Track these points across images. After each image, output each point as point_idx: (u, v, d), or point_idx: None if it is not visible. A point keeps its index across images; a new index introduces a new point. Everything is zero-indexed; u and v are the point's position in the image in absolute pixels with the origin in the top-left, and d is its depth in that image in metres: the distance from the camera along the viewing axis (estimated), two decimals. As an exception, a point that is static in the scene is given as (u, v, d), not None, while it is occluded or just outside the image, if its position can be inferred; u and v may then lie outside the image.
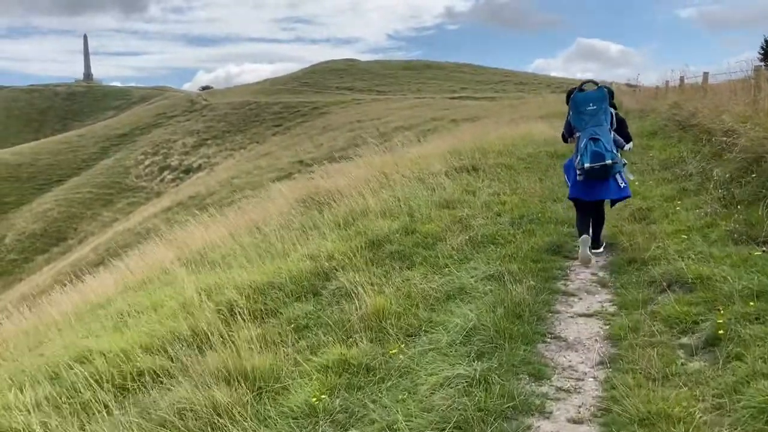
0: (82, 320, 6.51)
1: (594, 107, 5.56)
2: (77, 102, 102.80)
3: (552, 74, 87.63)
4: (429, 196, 7.83)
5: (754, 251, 4.61)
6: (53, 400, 4.08)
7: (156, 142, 57.26)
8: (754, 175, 6.10)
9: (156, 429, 3.37)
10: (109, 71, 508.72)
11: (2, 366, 5.59)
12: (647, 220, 6.28)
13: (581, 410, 3.10)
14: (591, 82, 5.86)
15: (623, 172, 5.72)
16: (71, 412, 3.85)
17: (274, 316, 4.86)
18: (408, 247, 5.89)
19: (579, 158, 5.51)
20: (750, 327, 3.45)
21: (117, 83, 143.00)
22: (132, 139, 61.20)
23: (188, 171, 49.52)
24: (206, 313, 4.83)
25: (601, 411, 3.05)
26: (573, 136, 5.84)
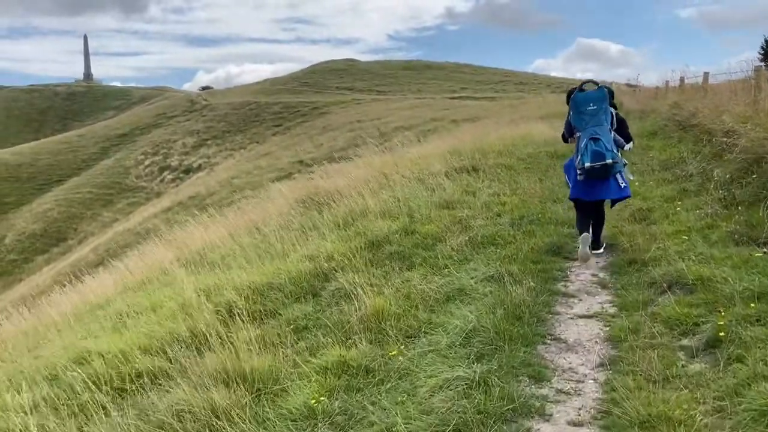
0: (81, 321, 6.50)
1: (594, 107, 5.58)
2: (77, 102, 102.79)
3: (552, 74, 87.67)
4: (429, 197, 7.82)
5: (755, 252, 4.60)
6: (51, 402, 4.07)
7: (156, 142, 57.24)
8: (755, 176, 6.08)
9: (154, 431, 3.36)
10: (109, 71, 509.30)
11: (1, 367, 5.58)
12: (647, 221, 6.26)
13: (581, 413, 3.08)
14: (591, 82, 5.87)
15: (623, 172, 5.72)
16: (69, 414, 3.84)
17: (273, 317, 4.84)
18: (407, 248, 5.87)
19: (579, 158, 5.52)
20: (751, 329, 3.43)
21: (117, 83, 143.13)
22: (132, 140, 61.18)
23: (188, 171, 49.50)
24: (205, 314, 4.82)
25: (602, 413, 3.04)
26: (573, 136, 5.84)
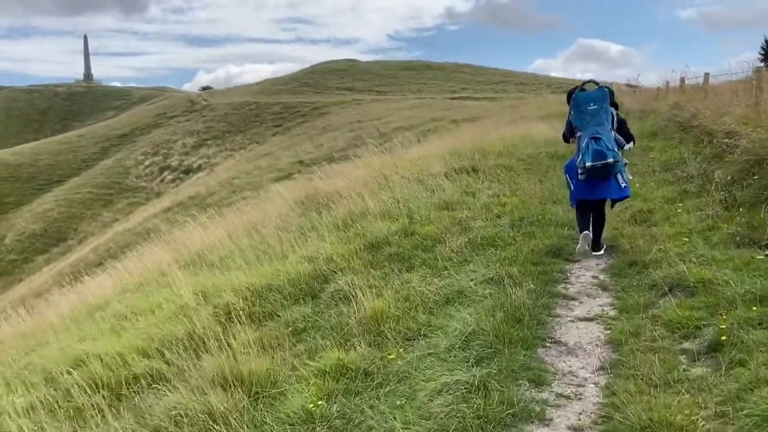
0: (80, 323, 6.47)
1: (595, 107, 5.60)
2: (77, 102, 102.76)
3: (552, 74, 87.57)
4: (428, 198, 7.79)
5: (757, 255, 4.56)
6: (48, 404, 4.05)
7: (156, 143, 57.22)
8: (756, 178, 6.06)
9: (151, 435, 3.33)
10: (109, 71, 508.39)
11: (-2, 369, 5.55)
12: (648, 223, 6.23)
13: (582, 417, 3.05)
14: (592, 82, 5.87)
15: (624, 172, 5.71)
16: (66, 417, 3.82)
17: (272, 319, 4.81)
18: (407, 249, 5.84)
19: (581, 157, 5.53)
20: (753, 332, 3.40)
21: (117, 83, 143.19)
22: (132, 140, 61.15)
23: (188, 171, 49.48)
24: (203, 317, 4.79)
25: (602, 418, 3.00)
26: (574, 136, 5.84)
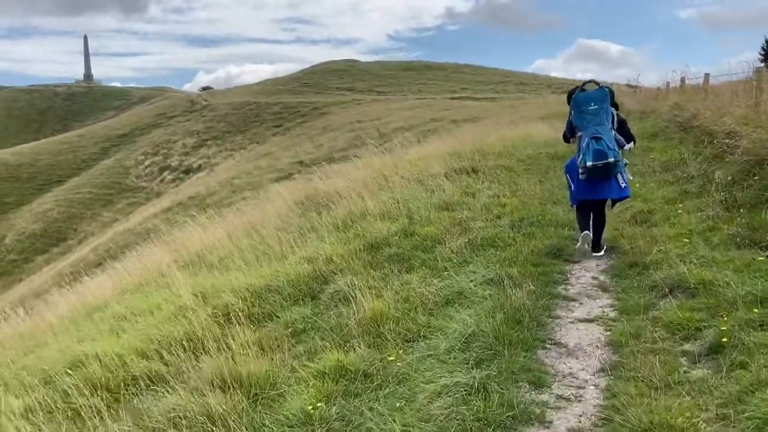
0: (79, 324, 6.45)
1: (596, 107, 5.60)
2: (77, 102, 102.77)
3: (552, 75, 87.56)
4: (428, 198, 7.77)
5: (758, 256, 4.54)
6: (46, 406, 4.03)
7: (156, 143, 57.22)
8: (757, 178, 6.04)
9: (149, 437, 3.32)
10: (109, 72, 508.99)
11: (-3, 370, 5.53)
12: (648, 223, 6.22)
13: (582, 420, 3.03)
14: (592, 82, 5.87)
15: (624, 172, 5.69)
16: (64, 419, 3.80)
17: (271, 320, 4.80)
18: (407, 250, 5.83)
19: (581, 156, 5.53)
20: (754, 334, 3.38)
21: (117, 84, 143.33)
22: (132, 140, 61.16)
23: (188, 171, 49.48)
24: (202, 317, 4.77)
25: (603, 420, 2.99)
26: (575, 136, 5.84)
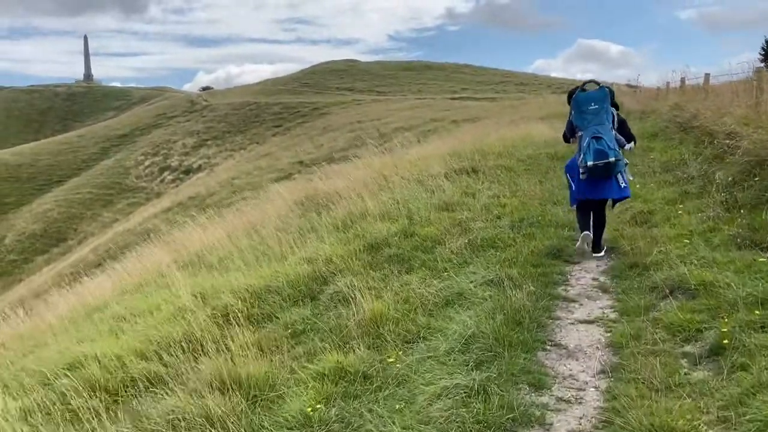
0: (78, 324, 6.44)
1: (596, 107, 5.60)
2: (77, 102, 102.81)
3: (552, 75, 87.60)
4: (428, 199, 7.76)
5: (758, 257, 4.52)
6: (45, 407, 4.01)
7: (156, 143, 57.23)
8: (757, 179, 6.03)
9: (147, 439, 3.30)
10: (110, 72, 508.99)
11: (-5, 371, 5.52)
12: (649, 224, 6.20)
13: (582, 422, 3.02)
14: (592, 82, 5.86)
15: (624, 172, 5.68)
16: (63, 420, 3.78)
17: (271, 321, 4.79)
18: (407, 251, 5.81)
19: (582, 156, 5.52)
20: (755, 336, 3.36)
21: (117, 84, 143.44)
22: (132, 140, 61.18)
23: (188, 171, 49.49)
24: (201, 318, 4.76)
25: (603, 423, 2.97)
26: (575, 136, 5.83)
